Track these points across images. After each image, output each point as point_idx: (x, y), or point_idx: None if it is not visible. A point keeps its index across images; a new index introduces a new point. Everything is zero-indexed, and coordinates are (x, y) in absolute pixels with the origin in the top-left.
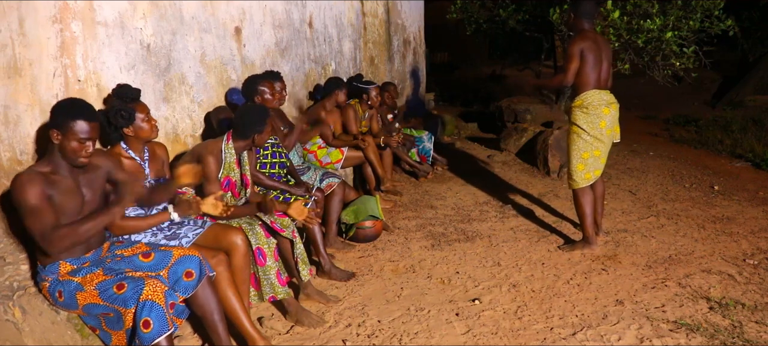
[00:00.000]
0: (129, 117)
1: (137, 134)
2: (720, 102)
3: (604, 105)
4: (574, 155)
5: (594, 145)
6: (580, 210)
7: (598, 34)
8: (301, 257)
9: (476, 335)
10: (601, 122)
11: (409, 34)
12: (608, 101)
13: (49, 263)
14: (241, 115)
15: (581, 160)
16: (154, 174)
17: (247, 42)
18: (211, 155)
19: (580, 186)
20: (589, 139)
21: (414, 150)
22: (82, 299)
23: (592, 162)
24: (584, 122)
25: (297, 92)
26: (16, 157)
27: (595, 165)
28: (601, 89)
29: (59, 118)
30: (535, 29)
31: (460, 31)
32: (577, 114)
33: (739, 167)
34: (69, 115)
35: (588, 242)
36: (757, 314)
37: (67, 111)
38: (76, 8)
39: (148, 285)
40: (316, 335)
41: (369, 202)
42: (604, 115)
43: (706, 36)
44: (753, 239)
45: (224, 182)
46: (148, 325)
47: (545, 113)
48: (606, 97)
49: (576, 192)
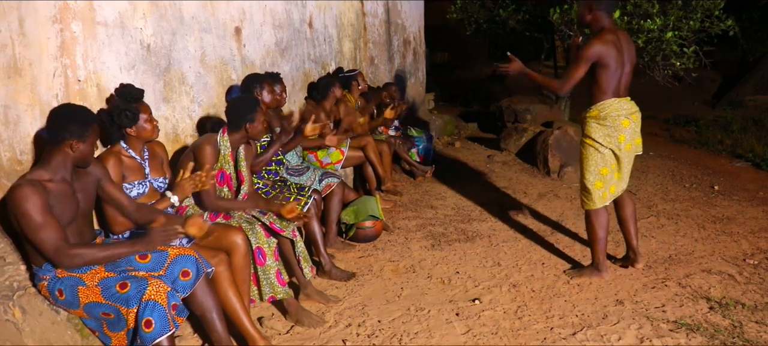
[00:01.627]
0: (133, 117)
1: (139, 134)
2: (720, 102)
3: (624, 116)
4: (591, 171)
5: (610, 160)
6: (593, 234)
7: (620, 30)
8: (303, 256)
9: (476, 335)
10: (620, 136)
11: (409, 34)
12: (629, 111)
13: (45, 262)
14: (232, 107)
15: (599, 176)
16: (154, 173)
17: (247, 42)
18: (208, 144)
19: (596, 207)
20: (606, 153)
21: (414, 150)
22: (83, 296)
23: (611, 179)
24: (600, 135)
25: (297, 92)
26: (16, 157)
27: (613, 181)
28: (621, 97)
29: (76, 126)
30: (535, 29)
31: (460, 31)
32: (592, 126)
33: (739, 167)
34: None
35: (597, 270)
36: (757, 314)
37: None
38: (76, 8)
39: (151, 285)
40: (316, 335)
41: (369, 202)
42: (623, 128)
43: (706, 36)
44: (753, 239)
45: (219, 174)
46: (149, 324)
47: (545, 113)
48: (626, 107)
49: (589, 213)
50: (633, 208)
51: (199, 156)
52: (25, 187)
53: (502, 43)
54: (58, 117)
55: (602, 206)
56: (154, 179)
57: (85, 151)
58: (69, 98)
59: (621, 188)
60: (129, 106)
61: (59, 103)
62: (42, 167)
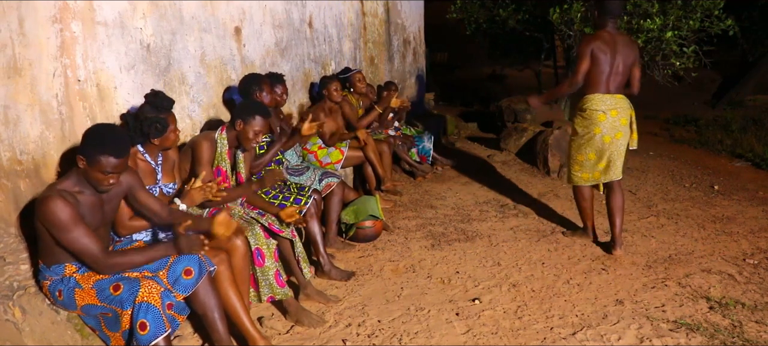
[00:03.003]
0: (162, 129)
1: (162, 143)
2: (720, 102)
3: (601, 111)
4: (571, 156)
5: (586, 149)
6: (578, 204)
7: (620, 34)
8: (302, 256)
9: (476, 335)
10: (595, 128)
11: (409, 34)
12: (609, 107)
13: (55, 264)
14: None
15: (576, 161)
16: (165, 178)
17: (247, 42)
18: (206, 141)
19: (576, 183)
20: (581, 143)
21: (414, 150)
22: (80, 298)
23: (587, 165)
24: (579, 125)
25: (297, 92)
26: (16, 157)
27: (591, 168)
28: (606, 94)
29: (88, 148)
30: (535, 29)
31: (460, 31)
32: (576, 117)
33: (739, 167)
34: (98, 149)
35: (585, 232)
36: (757, 313)
37: (97, 143)
38: (76, 8)
39: (143, 286)
40: (316, 335)
41: (369, 202)
42: (598, 122)
43: (706, 36)
44: (753, 238)
45: (216, 170)
46: (144, 327)
47: (545, 113)
48: (608, 102)
49: (574, 188)
50: (621, 199)
51: (196, 153)
52: (57, 199)
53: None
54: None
55: (585, 185)
56: (164, 184)
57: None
58: (69, 98)
59: (609, 177)
60: (160, 118)
61: (59, 103)
62: (73, 179)
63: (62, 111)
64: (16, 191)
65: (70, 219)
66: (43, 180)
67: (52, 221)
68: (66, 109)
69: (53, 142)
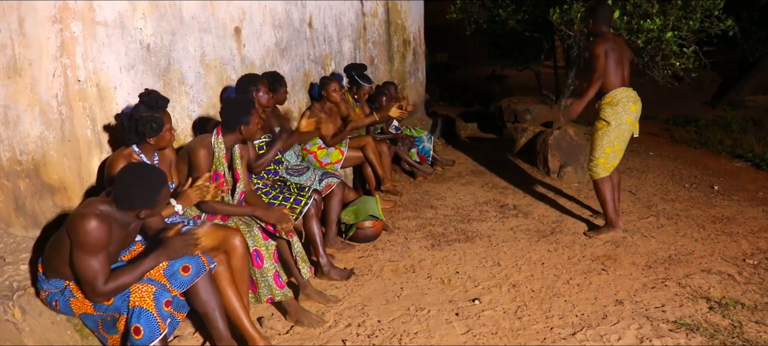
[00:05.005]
0: (158, 128)
1: (158, 143)
2: (720, 102)
3: (632, 102)
4: (598, 149)
5: (616, 139)
6: (602, 197)
7: (617, 35)
8: (301, 256)
9: (476, 335)
10: (627, 117)
11: (409, 34)
12: (635, 98)
13: (55, 278)
14: (226, 108)
15: (603, 154)
16: None
17: (246, 42)
18: (203, 147)
19: (601, 176)
20: (612, 135)
21: (414, 150)
22: (76, 308)
23: (612, 156)
24: (612, 116)
25: (297, 92)
26: (16, 157)
27: (615, 158)
28: (628, 87)
29: (147, 201)
30: (535, 29)
31: (460, 31)
32: (606, 110)
33: (739, 167)
34: (158, 200)
35: (612, 226)
36: (757, 314)
37: (152, 195)
38: (76, 8)
39: (133, 292)
40: (316, 335)
41: (369, 202)
42: (631, 111)
43: (706, 36)
44: (753, 239)
45: (214, 176)
46: (138, 331)
47: (545, 113)
48: (632, 95)
49: (597, 182)
50: (618, 177)
51: (193, 160)
52: (97, 219)
53: (502, 44)
54: (131, 188)
55: (606, 176)
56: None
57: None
58: (69, 98)
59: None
60: (155, 117)
61: (59, 103)
62: (113, 206)
63: (62, 111)
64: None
65: (100, 243)
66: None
67: (83, 237)
68: (66, 109)
69: (53, 142)
